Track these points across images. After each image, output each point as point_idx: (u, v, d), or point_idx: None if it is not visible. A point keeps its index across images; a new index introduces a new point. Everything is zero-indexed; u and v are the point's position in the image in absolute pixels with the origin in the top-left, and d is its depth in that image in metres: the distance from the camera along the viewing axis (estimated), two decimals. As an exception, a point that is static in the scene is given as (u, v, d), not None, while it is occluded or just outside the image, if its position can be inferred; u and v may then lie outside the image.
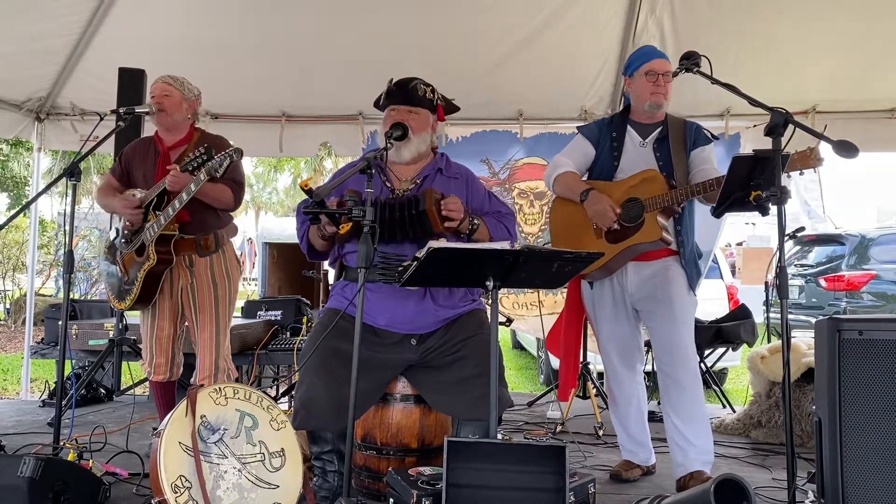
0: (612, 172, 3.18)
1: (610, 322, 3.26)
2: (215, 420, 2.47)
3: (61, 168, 3.10)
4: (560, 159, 3.28)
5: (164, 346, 3.40)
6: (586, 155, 3.27)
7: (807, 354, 3.99)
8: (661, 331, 3.13)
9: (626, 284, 3.18)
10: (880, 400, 2.20)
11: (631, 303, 3.20)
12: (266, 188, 30.71)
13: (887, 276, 8.46)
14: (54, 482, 2.52)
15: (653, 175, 3.06)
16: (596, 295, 3.29)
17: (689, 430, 3.06)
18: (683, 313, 3.12)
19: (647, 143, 3.18)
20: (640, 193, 3.05)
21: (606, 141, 3.23)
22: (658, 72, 3.10)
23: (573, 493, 2.39)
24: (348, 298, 2.78)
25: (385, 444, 2.83)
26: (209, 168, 3.01)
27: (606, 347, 3.30)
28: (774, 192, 2.35)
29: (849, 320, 2.27)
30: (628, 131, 3.22)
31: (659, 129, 3.18)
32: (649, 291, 3.14)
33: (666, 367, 3.12)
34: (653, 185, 3.03)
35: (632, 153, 3.18)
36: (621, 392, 3.29)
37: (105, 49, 4.91)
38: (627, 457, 3.34)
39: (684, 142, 3.15)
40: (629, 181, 3.10)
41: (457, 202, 2.71)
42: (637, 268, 3.16)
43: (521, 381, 7.81)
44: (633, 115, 3.23)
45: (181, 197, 3.10)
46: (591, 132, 3.29)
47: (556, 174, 3.23)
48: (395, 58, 4.78)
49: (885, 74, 4.78)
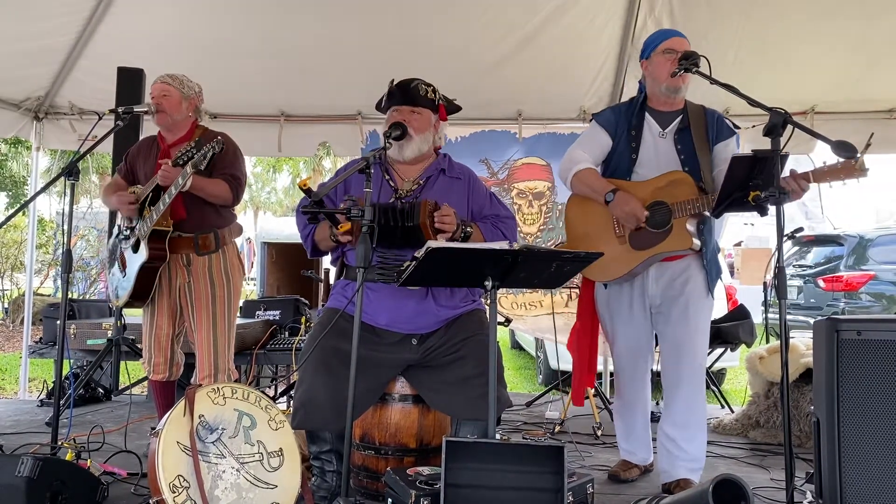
0: (631, 167, 3.01)
1: (625, 325, 3.14)
2: (213, 420, 2.47)
3: (60, 167, 3.10)
4: (576, 153, 3.08)
5: (163, 344, 3.39)
6: (602, 146, 3.08)
7: (805, 355, 4.00)
8: (672, 332, 3.04)
9: (647, 286, 3.06)
10: (878, 400, 2.20)
11: (650, 304, 3.08)
12: (265, 188, 30.66)
13: (885, 276, 8.46)
14: (52, 482, 2.52)
15: (681, 178, 2.89)
16: (612, 296, 3.16)
17: (681, 436, 3.02)
18: (697, 316, 3.02)
19: (668, 134, 3.01)
20: (667, 197, 2.89)
21: (624, 131, 3.04)
22: (677, 50, 2.93)
23: (571, 493, 2.39)
24: (348, 297, 2.78)
25: (383, 443, 2.83)
26: (194, 161, 3.00)
27: (620, 349, 3.19)
28: (773, 193, 2.35)
29: (847, 320, 2.27)
30: (646, 120, 3.04)
31: (679, 119, 3.01)
32: (669, 292, 3.04)
33: (671, 368, 3.06)
34: (681, 189, 2.86)
35: (651, 146, 3.01)
36: (633, 393, 3.21)
37: (104, 48, 4.91)
38: (626, 457, 3.30)
39: (707, 133, 2.99)
40: (655, 182, 2.93)
41: (450, 213, 2.69)
42: (659, 269, 3.03)
43: (519, 381, 7.80)
44: (651, 101, 3.06)
45: (170, 191, 3.10)
46: (606, 120, 3.10)
47: (574, 170, 3.04)
48: (394, 58, 4.78)
49: (884, 75, 4.78)
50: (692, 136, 2.96)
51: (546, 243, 5.36)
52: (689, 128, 2.98)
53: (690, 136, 2.97)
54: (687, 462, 3.01)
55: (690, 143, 2.96)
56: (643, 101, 3.08)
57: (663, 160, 2.97)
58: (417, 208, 2.67)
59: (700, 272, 3.02)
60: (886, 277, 8.46)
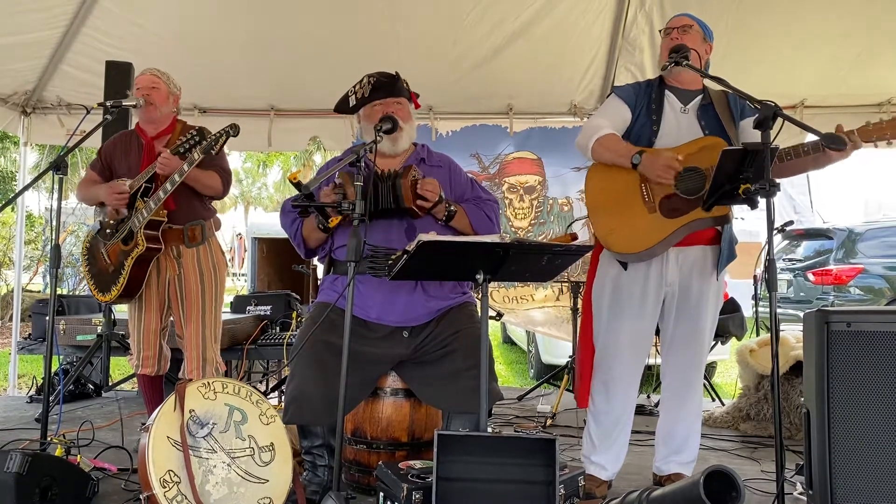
0: (652, 139, 2.84)
1: (633, 318, 2.88)
2: (204, 414, 2.46)
3: (48, 162, 3.06)
4: (597, 121, 2.92)
5: (152, 339, 3.38)
6: (623, 118, 2.90)
7: (795, 348, 4.02)
8: (684, 322, 2.91)
9: (666, 274, 2.86)
10: (868, 391, 2.21)
11: (665, 292, 2.89)
12: (255, 183, 30.56)
13: (874, 270, 8.51)
14: (41, 477, 2.50)
15: (715, 142, 2.71)
16: (625, 283, 2.89)
17: (679, 431, 2.98)
18: (710, 309, 2.92)
19: (689, 110, 2.88)
20: (700, 162, 2.70)
21: (644, 104, 2.90)
22: (674, 26, 2.87)
23: (563, 486, 2.40)
24: (338, 292, 2.77)
25: (375, 438, 2.83)
26: (205, 147, 3.01)
27: (619, 346, 2.90)
28: (763, 186, 2.35)
29: (837, 312, 2.28)
30: (666, 95, 2.91)
31: (701, 96, 2.90)
32: (687, 279, 2.88)
33: (677, 361, 2.96)
34: (714, 153, 2.58)
35: (672, 120, 2.87)
36: (624, 401, 2.93)
37: (92, 42, 4.88)
38: (595, 472, 2.94)
39: (731, 111, 2.88)
40: (685, 148, 2.74)
41: (434, 184, 2.71)
42: (678, 254, 2.86)
43: (511, 375, 7.82)
44: (668, 79, 2.93)
45: (173, 179, 3.09)
46: (626, 94, 2.94)
47: (596, 136, 2.83)
48: (384, 51, 4.77)
49: (873, 69, 4.80)
50: (716, 112, 2.87)
51: (538, 237, 5.37)
52: (711, 104, 2.89)
53: (714, 111, 2.87)
54: (682, 457, 3.00)
55: (715, 118, 2.85)
56: (661, 78, 2.98)
57: (685, 134, 2.82)
58: (402, 171, 2.69)
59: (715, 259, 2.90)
60: (875, 271, 8.51)
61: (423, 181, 2.70)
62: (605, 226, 2.85)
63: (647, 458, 3.26)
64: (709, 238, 2.89)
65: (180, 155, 3.08)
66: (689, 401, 3.00)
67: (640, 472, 3.25)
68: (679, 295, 2.90)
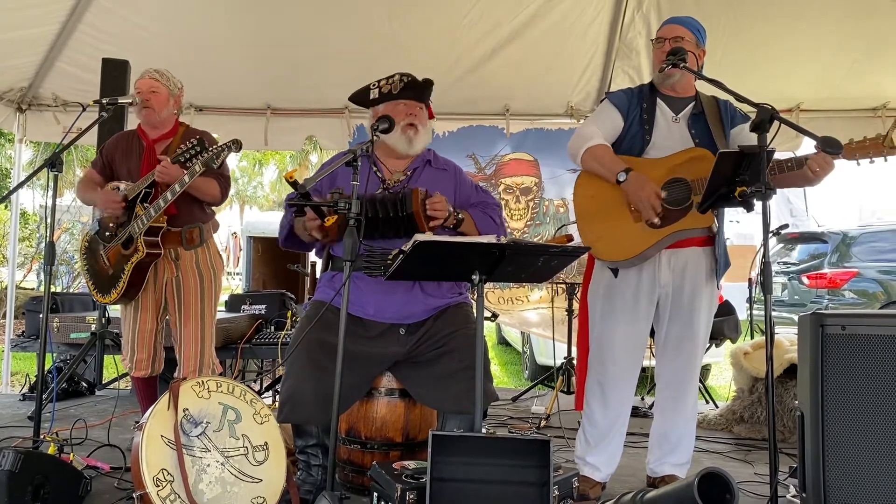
0: (643, 147, 2.87)
1: (627, 322, 2.90)
2: (198, 413, 2.45)
3: (43, 160, 3.05)
4: (589, 129, 2.93)
5: (147, 340, 3.37)
6: (615, 125, 2.92)
7: (789, 351, 4.02)
8: (678, 324, 2.91)
9: (659, 274, 2.88)
10: (862, 394, 2.22)
11: (659, 294, 2.90)
12: (251, 182, 30.50)
13: (868, 273, 8.53)
14: (34, 475, 2.49)
15: (701, 154, 2.75)
16: (617, 285, 2.91)
17: (673, 433, 2.98)
18: (704, 310, 2.91)
19: (681, 119, 2.90)
20: (686, 173, 2.75)
21: (636, 113, 2.91)
22: (665, 37, 2.87)
23: (557, 487, 2.39)
24: (335, 289, 2.76)
25: (369, 438, 2.83)
26: (206, 160, 2.99)
27: (613, 349, 2.92)
28: (759, 188, 2.35)
29: (832, 315, 2.29)
30: (658, 104, 2.92)
31: (692, 105, 2.91)
32: (680, 281, 2.89)
33: (672, 362, 2.96)
34: (702, 165, 2.67)
35: (664, 128, 2.89)
36: (619, 404, 2.95)
37: (88, 39, 4.86)
38: (589, 473, 2.96)
39: (721, 119, 2.90)
40: (673, 159, 2.80)
41: (441, 200, 2.72)
42: (671, 256, 2.87)
43: (506, 376, 7.82)
44: (660, 88, 2.96)
45: (174, 189, 3.07)
46: (619, 100, 2.95)
47: (586, 146, 2.86)
48: (381, 52, 4.78)
49: (869, 75, 4.82)
50: (707, 121, 2.89)
51: (534, 239, 5.37)
52: (702, 113, 2.91)
53: (705, 120, 2.89)
54: (676, 458, 3.00)
55: (706, 128, 2.88)
56: (652, 85, 2.99)
57: (676, 143, 2.85)
58: (409, 197, 2.68)
59: (711, 263, 2.92)
60: (869, 275, 8.52)
61: (430, 200, 2.70)
62: (593, 233, 2.89)
63: (641, 459, 3.26)
64: (700, 240, 2.91)
65: (180, 164, 3.05)
66: (684, 403, 2.99)
67: (634, 473, 3.25)
68: (672, 296, 2.91)
